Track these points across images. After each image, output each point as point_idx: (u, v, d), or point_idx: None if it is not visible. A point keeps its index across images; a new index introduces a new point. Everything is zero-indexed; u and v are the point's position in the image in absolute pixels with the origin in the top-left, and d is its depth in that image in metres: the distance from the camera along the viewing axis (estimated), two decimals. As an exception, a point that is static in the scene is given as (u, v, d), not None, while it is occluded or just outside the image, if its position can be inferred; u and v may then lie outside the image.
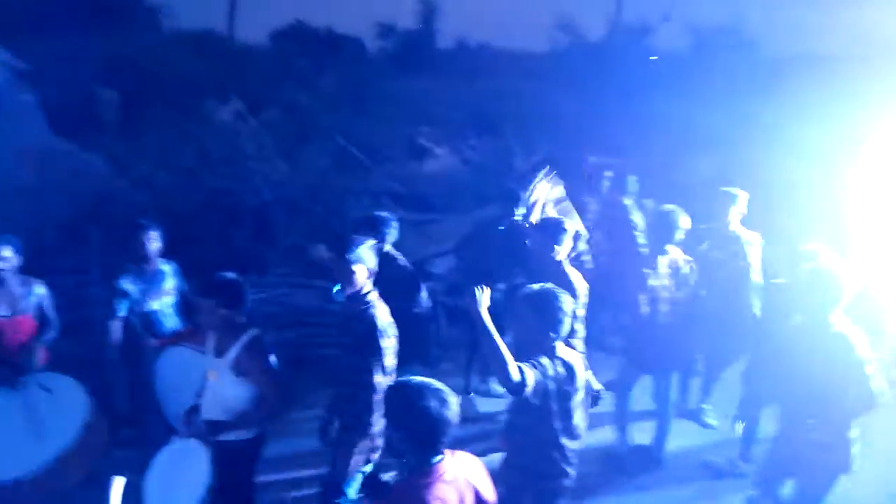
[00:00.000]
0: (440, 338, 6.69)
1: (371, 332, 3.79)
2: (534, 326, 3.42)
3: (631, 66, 16.16)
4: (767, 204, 6.69)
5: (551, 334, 3.38)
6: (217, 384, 3.67)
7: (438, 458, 2.64)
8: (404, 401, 2.60)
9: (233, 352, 3.61)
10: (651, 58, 18.05)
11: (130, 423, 4.84)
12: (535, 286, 3.52)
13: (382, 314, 3.86)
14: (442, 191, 9.71)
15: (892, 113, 10.05)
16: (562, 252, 4.60)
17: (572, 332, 3.88)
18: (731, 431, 4.79)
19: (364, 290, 3.88)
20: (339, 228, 7.48)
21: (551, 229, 4.68)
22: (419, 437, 2.60)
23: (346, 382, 3.96)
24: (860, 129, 9.16)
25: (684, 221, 4.96)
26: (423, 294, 5.14)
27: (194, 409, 3.78)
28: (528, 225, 5.64)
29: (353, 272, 3.83)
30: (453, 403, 2.60)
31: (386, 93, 13.13)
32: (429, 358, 5.54)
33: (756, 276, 5.49)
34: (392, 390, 2.71)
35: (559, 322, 3.37)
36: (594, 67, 15.88)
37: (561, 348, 3.46)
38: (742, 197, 5.66)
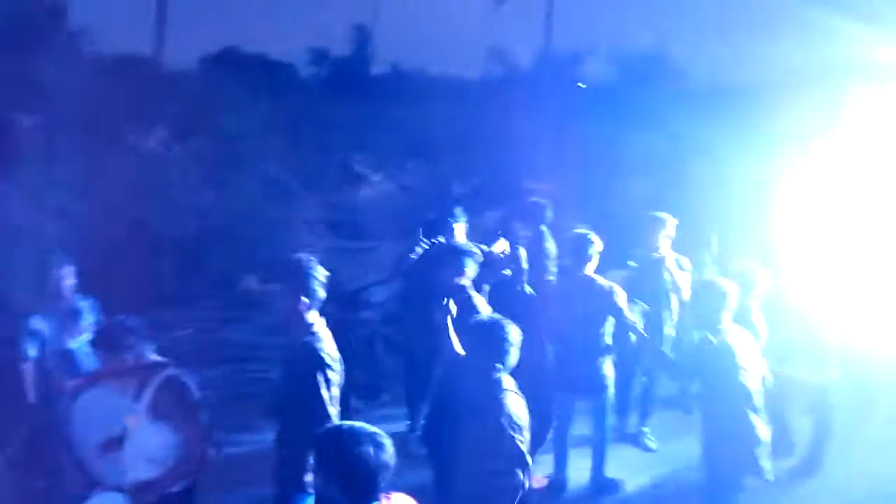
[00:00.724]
0: (378, 368, 6.54)
1: (316, 365, 3.53)
2: (479, 358, 3.34)
3: (561, 93, 16.53)
4: (698, 226, 6.89)
5: (497, 366, 3.30)
6: (137, 432, 3.39)
7: None
8: (337, 448, 2.41)
9: (147, 394, 3.36)
10: (580, 85, 18.51)
11: (45, 475, 4.48)
12: (482, 316, 3.47)
13: (328, 346, 3.62)
14: (378, 217, 9.59)
15: (804, 139, 10.60)
16: (466, 278, 4.52)
17: None
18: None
19: (308, 321, 3.62)
20: (270, 259, 7.25)
21: (454, 255, 4.62)
22: (356, 486, 2.41)
23: (289, 420, 3.70)
24: (780, 155, 9.60)
25: (597, 244, 4.99)
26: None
27: (111, 444, 3.45)
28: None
29: (294, 302, 3.60)
30: (388, 446, 2.43)
31: (320, 119, 12.97)
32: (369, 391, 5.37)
33: (685, 295, 5.57)
34: (322, 438, 2.51)
35: (505, 353, 3.30)
36: (526, 94, 16.15)
37: (507, 380, 3.37)
38: (670, 222, 5.81)
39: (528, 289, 5.11)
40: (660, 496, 5.26)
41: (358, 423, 2.48)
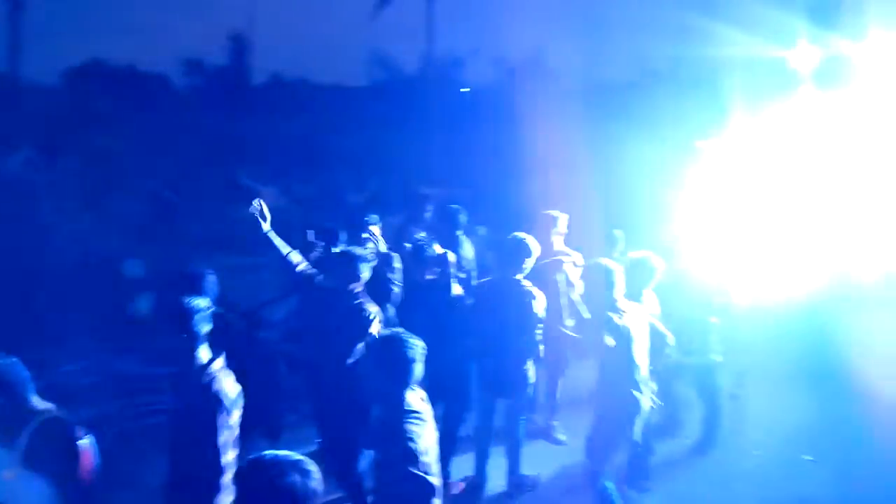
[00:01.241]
0: (281, 389, 6.32)
1: (215, 408, 3.33)
2: (385, 375, 3.28)
3: (447, 98, 16.75)
4: (590, 220, 7.18)
5: (402, 383, 3.23)
6: (16, 485, 3.08)
7: None
8: (262, 482, 2.26)
9: (22, 441, 3.06)
10: (463, 90, 18.84)
11: None
12: (384, 332, 3.42)
13: (228, 386, 3.42)
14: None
15: (681, 134, 11.31)
16: (360, 284, 4.54)
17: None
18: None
19: (203, 360, 3.43)
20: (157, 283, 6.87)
21: (348, 261, 4.60)
22: None
23: (184, 462, 3.50)
24: (659, 150, 10.17)
25: (535, 251, 5.07)
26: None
27: None
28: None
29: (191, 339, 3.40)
30: (315, 472, 2.30)
31: (201, 132, 12.46)
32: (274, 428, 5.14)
33: (576, 294, 5.74)
34: (245, 472, 2.35)
35: (409, 372, 3.23)
36: (412, 100, 16.24)
37: (410, 396, 3.29)
38: (562, 218, 6.02)
39: (456, 289, 5.16)
40: (572, 487, 5.40)
41: (281, 452, 2.35)
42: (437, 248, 5.08)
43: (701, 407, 6.01)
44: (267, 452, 2.34)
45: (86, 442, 3.21)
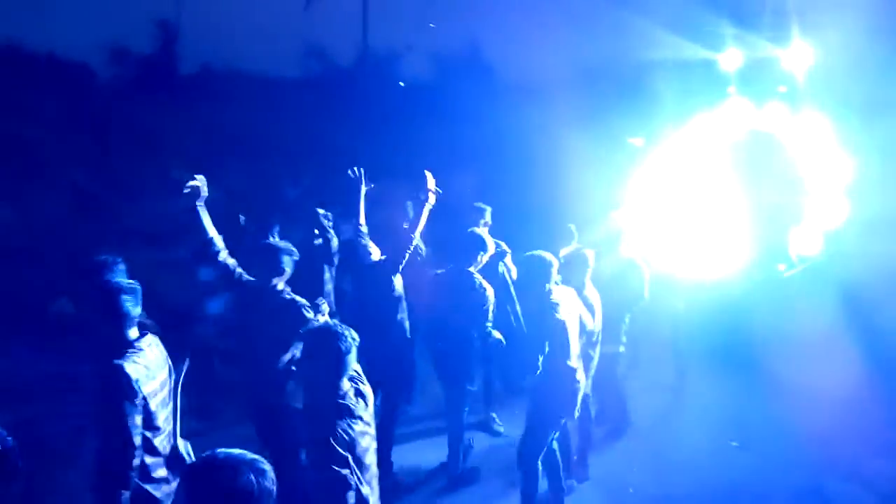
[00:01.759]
0: (216, 385, 6.17)
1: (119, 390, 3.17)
2: (317, 367, 3.27)
3: (382, 92, 16.65)
4: (519, 213, 7.30)
5: (334, 375, 3.21)
6: None
7: None
8: (217, 483, 2.17)
9: None
10: (399, 83, 18.75)
11: None
12: (315, 324, 3.37)
13: (145, 363, 3.30)
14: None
15: (610, 131, 11.60)
16: (282, 279, 4.42)
17: None
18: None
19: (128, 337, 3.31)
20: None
21: (270, 255, 4.45)
22: None
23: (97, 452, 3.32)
24: (591, 147, 10.41)
25: (490, 247, 5.29)
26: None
27: None
28: None
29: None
30: (270, 471, 2.23)
31: (128, 123, 11.97)
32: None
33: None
34: (198, 471, 2.25)
35: (342, 363, 3.21)
36: (347, 93, 16.07)
37: (345, 387, 3.27)
38: (488, 210, 6.44)
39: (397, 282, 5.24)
40: (513, 480, 5.46)
41: (235, 451, 2.26)
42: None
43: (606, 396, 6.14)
44: (219, 451, 2.25)
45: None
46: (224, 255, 4.39)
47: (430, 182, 5.37)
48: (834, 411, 5.81)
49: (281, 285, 4.38)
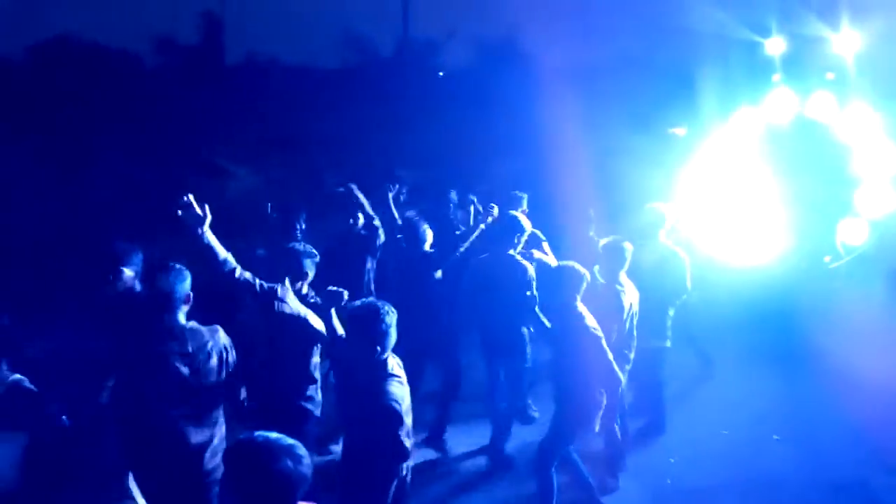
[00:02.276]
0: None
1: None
2: (360, 344, 3.42)
3: (422, 81, 16.66)
4: (557, 202, 7.25)
5: (378, 349, 3.38)
6: None
7: None
8: (253, 465, 2.26)
9: None
10: (440, 73, 18.75)
11: None
12: (357, 303, 3.54)
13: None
14: (246, 213, 9.17)
15: (650, 119, 11.42)
16: (305, 284, 4.40)
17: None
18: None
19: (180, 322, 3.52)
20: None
21: (293, 260, 4.36)
22: (269, 500, 2.27)
23: None
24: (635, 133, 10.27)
25: (527, 228, 5.44)
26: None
27: None
28: None
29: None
30: (306, 457, 2.32)
31: (173, 112, 12.22)
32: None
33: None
34: (235, 453, 2.34)
35: (384, 336, 3.38)
36: (388, 83, 16.12)
37: (392, 362, 3.48)
38: (524, 198, 6.60)
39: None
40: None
41: (272, 435, 2.34)
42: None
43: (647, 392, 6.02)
44: (258, 434, 2.34)
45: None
46: (239, 272, 4.13)
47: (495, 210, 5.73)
48: (879, 403, 5.65)
49: (305, 289, 4.34)
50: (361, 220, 5.97)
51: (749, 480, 5.29)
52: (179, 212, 3.70)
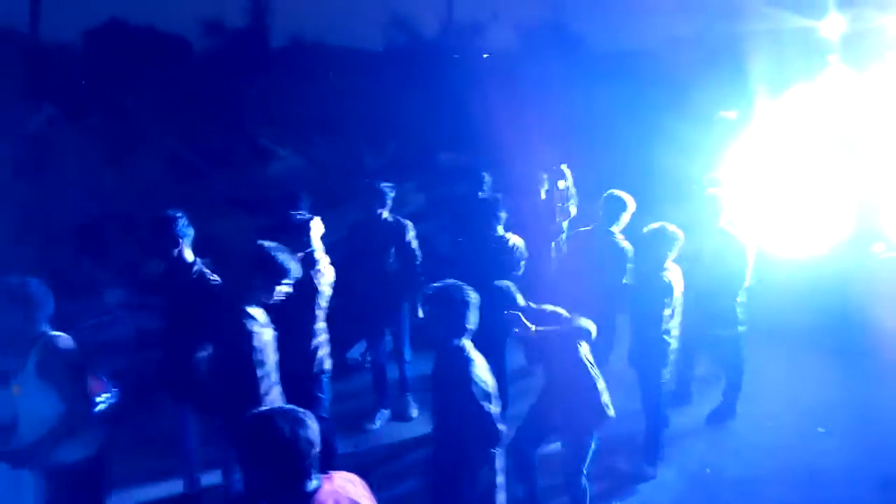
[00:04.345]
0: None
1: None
2: (440, 325, 3.38)
3: (466, 63, 16.56)
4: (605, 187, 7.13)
5: (459, 330, 3.34)
6: (25, 397, 3.35)
7: (313, 484, 2.42)
8: (253, 434, 2.38)
9: (33, 357, 3.29)
10: (484, 56, 18.60)
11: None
12: (437, 283, 3.46)
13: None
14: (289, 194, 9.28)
15: (700, 104, 11.14)
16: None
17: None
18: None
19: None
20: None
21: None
22: (280, 468, 2.36)
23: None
24: (676, 120, 10.04)
25: (630, 206, 5.58)
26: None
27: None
28: None
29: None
30: (311, 422, 2.40)
31: (220, 94, 12.42)
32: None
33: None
34: (243, 427, 2.44)
35: (465, 318, 3.32)
36: (432, 66, 16.07)
37: (469, 346, 3.39)
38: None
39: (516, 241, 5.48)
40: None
41: (275, 407, 2.49)
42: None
43: (723, 378, 6.00)
44: (262, 409, 2.51)
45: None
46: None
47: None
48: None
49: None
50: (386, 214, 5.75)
51: (792, 472, 5.18)
52: None
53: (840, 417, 5.86)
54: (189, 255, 4.27)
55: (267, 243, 3.89)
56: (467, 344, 3.39)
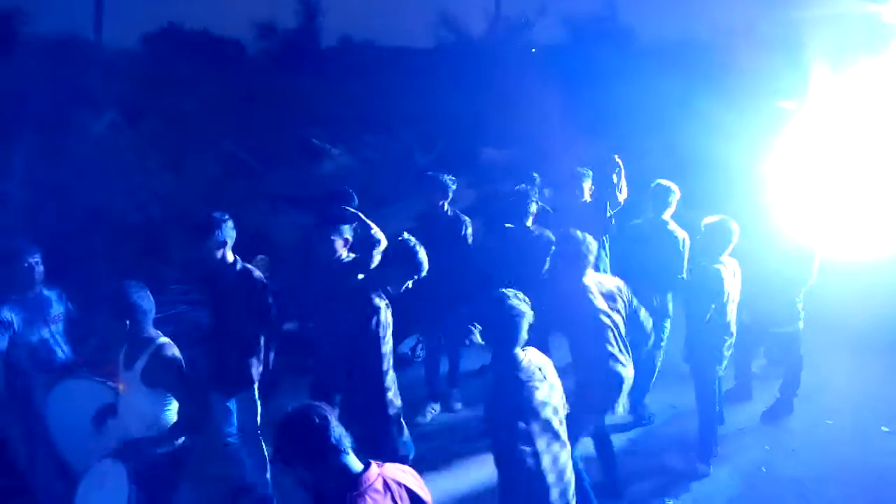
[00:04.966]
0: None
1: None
2: (492, 337, 3.35)
3: (513, 59, 16.49)
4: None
5: (509, 342, 3.26)
6: (128, 397, 3.54)
7: (359, 467, 2.56)
8: (286, 434, 2.54)
9: (141, 362, 3.48)
10: (532, 50, 18.48)
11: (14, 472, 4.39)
12: (492, 296, 3.38)
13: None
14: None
15: (754, 95, 10.83)
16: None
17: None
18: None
19: None
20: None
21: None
22: (318, 459, 2.51)
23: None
24: (729, 112, 9.80)
25: (676, 193, 5.67)
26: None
27: (102, 415, 3.68)
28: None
29: None
30: (328, 409, 2.56)
31: (273, 95, 12.69)
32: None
33: None
34: (277, 426, 2.59)
35: (516, 329, 3.25)
36: (479, 62, 16.07)
37: (522, 354, 3.30)
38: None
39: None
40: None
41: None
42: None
43: (782, 374, 5.90)
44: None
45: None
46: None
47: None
48: None
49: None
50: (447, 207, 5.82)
51: (851, 472, 5.06)
52: None
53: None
54: (230, 256, 4.31)
55: (410, 237, 4.01)
56: (519, 355, 3.29)
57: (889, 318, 6.80)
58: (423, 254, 3.93)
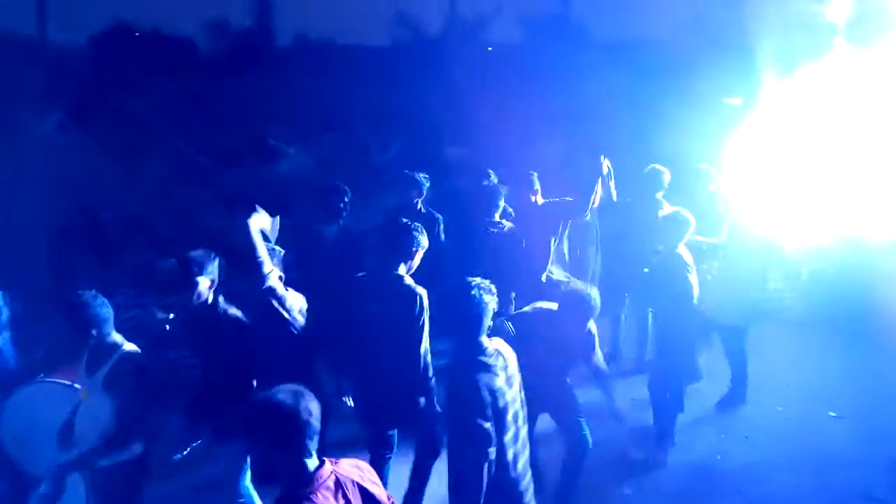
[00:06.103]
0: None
1: None
2: (458, 324, 3.35)
3: (470, 58, 16.53)
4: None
5: (474, 329, 3.28)
6: (91, 405, 3.46)
7: (315, 464, 2.52)
8: (254, 413, 2.52)
9: (104, 368, 3.42)
10: (488, 49, 18.56)
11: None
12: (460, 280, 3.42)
13: None
14: (297, 191, 9.34)
15: (706, 92, 11.07)
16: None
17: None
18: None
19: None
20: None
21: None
22: (280, 443, 2.47)
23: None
24: (684, 109, 9.99)
25: (667, 177, 6.16)
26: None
27: (67, 429, 3.55)
28: None
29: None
30: (309, 399, 2.51)
31: (227, 94, 12.49)
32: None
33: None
34: (244, 411, 2.61)
35: (480, 315, 3.27)
36: (436, 61, 16.07)
37: (487, 342, 3.32)
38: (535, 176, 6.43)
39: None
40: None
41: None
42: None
43: (729, 367, 6.01)
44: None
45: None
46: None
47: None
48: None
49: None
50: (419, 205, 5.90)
51: (802, 457, 5.21)
52: None
53: (850, 402, 5.88)
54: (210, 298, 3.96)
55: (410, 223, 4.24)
56: (484, 342, 3.31)
57: (836, 308, 7.01)
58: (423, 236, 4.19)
